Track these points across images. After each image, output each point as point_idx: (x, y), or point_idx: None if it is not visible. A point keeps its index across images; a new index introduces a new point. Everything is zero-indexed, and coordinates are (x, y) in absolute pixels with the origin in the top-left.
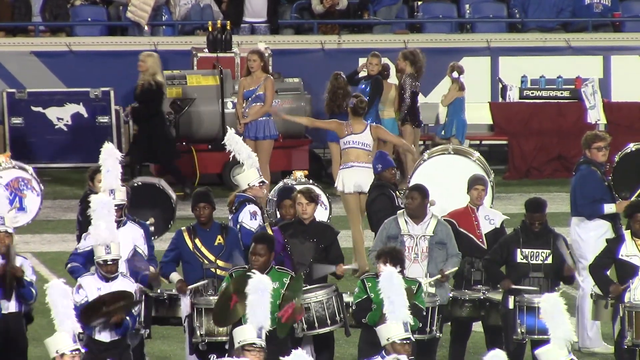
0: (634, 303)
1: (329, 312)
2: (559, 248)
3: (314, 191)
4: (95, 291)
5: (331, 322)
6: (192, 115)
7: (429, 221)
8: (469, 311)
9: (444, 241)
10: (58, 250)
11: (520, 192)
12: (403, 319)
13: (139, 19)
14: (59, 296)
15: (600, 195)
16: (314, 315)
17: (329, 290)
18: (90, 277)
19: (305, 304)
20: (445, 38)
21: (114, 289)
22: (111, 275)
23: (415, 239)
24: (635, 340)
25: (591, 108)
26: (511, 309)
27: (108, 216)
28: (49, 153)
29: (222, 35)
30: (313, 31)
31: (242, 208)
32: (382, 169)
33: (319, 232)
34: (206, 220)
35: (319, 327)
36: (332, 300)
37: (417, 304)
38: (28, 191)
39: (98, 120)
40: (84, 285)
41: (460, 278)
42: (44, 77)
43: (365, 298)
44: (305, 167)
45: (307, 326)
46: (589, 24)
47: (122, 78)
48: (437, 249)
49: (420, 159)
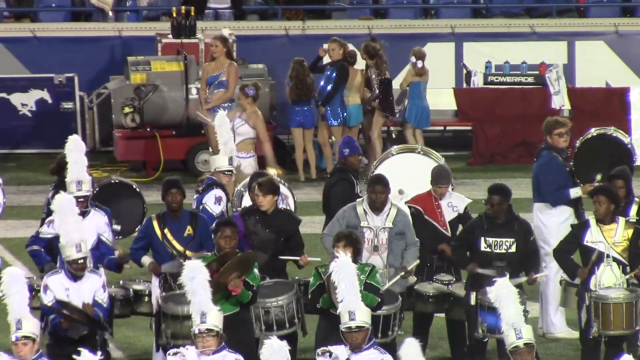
0: (600, 294)
1: (288, 316)
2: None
3: (274, 182)
4: (63, 291)
5: (289, 325)
6: (156, 101)
7: (389, 212)
8: (432, 305)
9: (402, 231)
10: (22, 236)
11: (485, 178)
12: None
13: (103, 4)
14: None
15: (563, 181)
16: (273, 318)
17: (290, 295)
18: (58, 277)
19: (266, 307)
20: (410, 24)
21: (82, 289)
22: (80, 273)
23: (375, 230)
24: (602, 331)
25: (555, 94)
26: (473, 305)
27: (73, 215)
28: (13, 139)
29: (186, 21)
30: (277, 17)
31: (209, 190)
32: (348, 153)
33: (280, 221)
34: (177, 206)
35: (277, 329)
36: (292, 304)
37: (372, 283)
38: None
39: (62, 106)
40: (50, 285)
41: (423, 266)
42: (8, 63)
43: (319, 284)
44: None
45: (265, 327)
46: (553, 9)
47: (86, 64)
48: (397, 240)
49: (388, 153)
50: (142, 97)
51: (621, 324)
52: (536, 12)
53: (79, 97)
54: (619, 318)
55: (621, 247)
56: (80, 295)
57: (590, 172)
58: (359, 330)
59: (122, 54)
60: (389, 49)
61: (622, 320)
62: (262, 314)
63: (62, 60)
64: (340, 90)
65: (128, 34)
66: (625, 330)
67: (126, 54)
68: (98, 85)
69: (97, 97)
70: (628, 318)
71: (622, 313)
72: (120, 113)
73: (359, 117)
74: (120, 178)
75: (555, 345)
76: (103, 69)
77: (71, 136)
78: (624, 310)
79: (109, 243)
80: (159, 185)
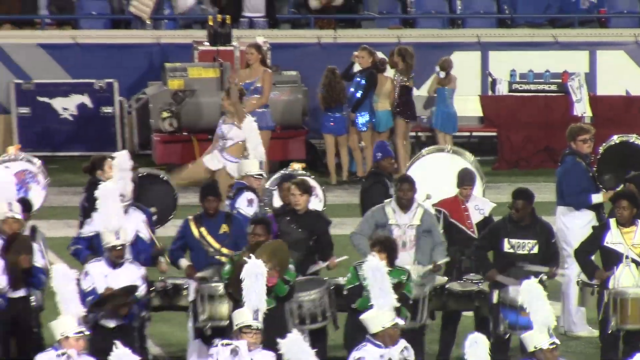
0: (618, 290)
1: (320, 310)
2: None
3: (308, 183)
4: (102, 278)
5: (322, 319)
6: (193, 106)
7: (416, 210)
8: (463, 303)
9: (429, 229)
10: (63, 235)
11: (509, 182)
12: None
13: (142, 13)
14: (63, 280)
15: (585, 186)
16: (306, 312)
17: (322, 289)
18: (97, 264)
19: (299, 301)
20: (437, 33)
21: (121, 275)
22: (119, 260)
23: (403, 227)
24: (620, 325)
25: (577, 101)
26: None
27: (115, 203)
28: (54, 142)
29: (222, 29)
30: (310, 26)
31: (240, 195)
32: (381, 157)
33: (311, 221)
34: (214, 212)
35: (310, 323)
36: (325, 298)
37: (405, 293)
38: (33, 184)
39: (102, 110)
40: (90, 272)
41: (452, 266)
42: (50, 69)
43: (357, 285)
44: (301, 157)
45: (299, 321)
46: (575, 20)
47: (125, 70)
48: (424, 237)
49: (419, 155)
50: (179, 102)
51: (638, 319)
52: (559, 22)
53: (119, 102)
54: (637, 313)
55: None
56: (119, 283)
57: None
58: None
59: (160, 60)
60: (417, 57)
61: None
62: (295, 307)
63: (102, 66)
64: (370, 97)
65: (166, 41)
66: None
67: (164, 60)
68: (137, 91)
69: (136, 102)
70: None
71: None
72: (158, 118)
73: (388, 122)
74: (147, 169)
75: (576, 343)
76: (142, 75)
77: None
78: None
79: (146, 241)
80: (195, 187)
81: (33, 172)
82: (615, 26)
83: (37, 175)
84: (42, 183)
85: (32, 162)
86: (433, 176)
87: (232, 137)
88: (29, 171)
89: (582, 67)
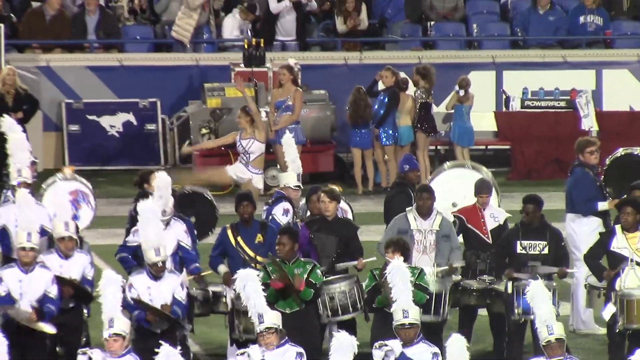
0: (625, 291)
1: (351, 301)
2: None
3: (337, 191)
4: (145, 289)
5: (352, 310)
6: (229, 123)
7: (435, 217)
8: (476, 299)
9: (448, 234)
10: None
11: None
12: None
13: (182, 37)
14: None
15: (593, 194)
16: (338, 303)
17: (351, 281)
18: (141, 276)
19: (330, 293)
20: (455, 54)
21: (162, 288)
22: (160, 274)
23: (424, 233)
24: (627, 325)
25: (585, 117)
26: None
27: (155, 221)
28: (102, 157)
29: (256, 52)
30: (337, 48)
31: (278, 203)
32: (408, 169)
33: (340, 227)
34: (248, 217)
35: (342, 314)
36: (354, 290)
37: (421, 284)
38: (84, 204)
39: (146, 127)
40: (135, 284)
41: (467, 268)
42: (98, 89)
43: (374, 285)
44: (330, 170)
45: (331, 313)
46: (583, 41)
47: (167, 90)
48: (443, 242)
49: (442, 168)
50: (217, 119)
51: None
52: (567, 43)
53: (161, 119)
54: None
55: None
56: (161, 294)
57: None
58: (411, 327)
59: (199, 81)
60: (437, 76)
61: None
62: (327, 300)
63: (146, 86)
64: (392, 114)
65: (204, 63)
66: None
67: (203, 81)
68: (178, 109)
69: (177, 119)
70: None
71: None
72: (198, 134)
73: (410, 137)
74: (193, 187)
75: (584, 340)
76: (182, 95)
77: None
78: None
79: (189, 248)
80: (232, 198)
81: (85, 193)
82: (620, 47)
83: (89, 196)
84: (92, 204)
85: (85, 184)
86: (454, 188)
87: (253, 151)
88: (81, 191)
89: (589, 84)
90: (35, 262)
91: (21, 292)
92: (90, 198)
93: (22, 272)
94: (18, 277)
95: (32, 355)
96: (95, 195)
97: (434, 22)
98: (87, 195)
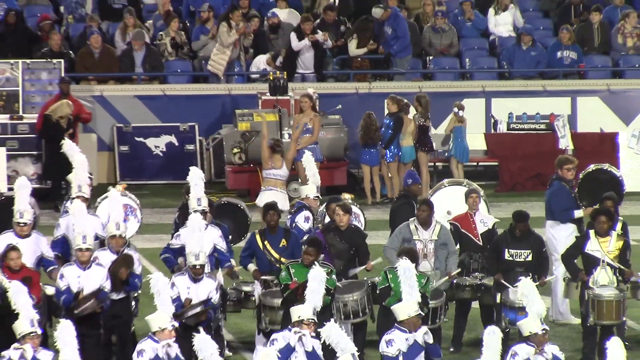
0: (597, 292)
1: (361, 307)
2: None
3: (349, 205)
4: (185, 289)
5: (362, 314)
6: (257, 144)
7: (434, 227)
8: (468, 293)
9: (445, 242)
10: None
11: (508, 201)
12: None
13: (217, 70)
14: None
15: (569, 205)
16: (350, 309)
17: (362, 291)
18: (183, 278)
19: (344, 301)
20: (450, 84)
21: (200, 289)
22: (198, 277)
23: (424, 242)
24: (597, 321)
25: (562, 137)
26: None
27: (199, 232)
28: (148, 173)
29: (280, 83)
30: (349, 79)
31: (299, 212)
32: (411, 183)
33: (352, 235)
34: (274, 224)
35: (353, 318)
36: (364, 298)
37: (425, 294)
38: (132, 217)
39: (186, 147)
40: (177, 283)
41: (462, 267)
42: (144, 115)
43: (386, 286)
44: (343, 183)
45: (344, 317)
46: (560, 73)
47: (204, 115)
48: (441, 249)
49: (441, 184)
50: (247, 140)
51: (611, 316)
52: (547, 75)
53: (199, 140)
54: (610, 312)
55: (613, 255)
56: (198, 294)
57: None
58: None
59: (231, 107)
60: (435, 103)
61: (612, 313)
62: (341, 306)
63: (186, 112)
64: (397, 136)
65: (236, 93)
66: (614, 321)
67: (234, 107)
68: (213, 132)
69: (212, 140)
70: (617, 312)
71: (613, 308)
72: (230, 153)
73: (412, 155)
74: (228, 199)
75: (562, 329)
76: (217, 119)
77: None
78: (614, 306)
79: (224, 251)
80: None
81: (133, 208)
82: (592, 78)
83: (136, 210)
84: (138, 217)
85: (134, 200)
86: (452, 201)
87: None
88: (130, 206)
89: (566, 110)
90: (90, 260)
91: (79, 286)
92: (137, 212)
93: (80, 269)
94: (77, 273)
95: (89, 342)
96: (141, 206)
97: (433, 56)
98: (135, 210)
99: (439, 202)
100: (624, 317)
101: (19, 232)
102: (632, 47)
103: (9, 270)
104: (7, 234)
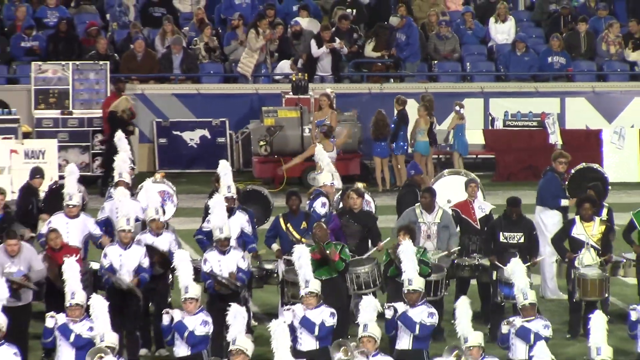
0: (582, 272)
1: (372, 279)
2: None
3: (362, 190)
4: (216, 262)
5: (373, 285)
6: (281, 137)
7: (437, 212)
8: (468, 272)
9: (447, 225)
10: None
11: (503, 190)
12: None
13: (245, 72)
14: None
15: (558, 193)
16: (362, 280)
17: (372, 264)
18: (212, 253)
19: (357, 273)
20: (453, 86)
21: (228, 260)
22: (225, 248)
23: (428, 224)
24: (582, 297)
25: (552, 133)
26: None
27: (221, 209)
28: (184, 162)
29: (301, 83)
30: (363, 80)
31: (317, 198)
32: (414, 173)
33: (364, 218)
34: (296, 208)
35: (365, 288)
36: (375, 271)
37: (424, 259)
38: (169, 202)
39: (217, 140)
40: (208, 259)
41: (462, 248)
42: (181, 111)
43: (389, 261)
44: (357, 173)
45: (356, 287)
46: (550, 76)
47: (234, 112)
48: (443, 231)
49: (442, 174)
50: (272, 134)
51: (595, 293)
52: (539, 77)
53: (229, 134)
54: (594, 289)
55: (596, 238)
56: (227, 265)
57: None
58: (414, 292)
59: (258, 105)
60: (438, 103)
61: (595, 291)
62: (354, 277)
63: (218, 109)
64: (402, 130)
65: (262, 92)
66: (598, 297)
67: (261, 105)
68: (242, 126)
69: (241, 134)
70: (600, 289)
71: (596, 286)
72: (257, 145)
73: (427, 149)
74: (253, 186)
75: (550, 304)
76: (245, 115)
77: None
78: (597, 284)
79: (249, 234)
80: (284, 194)
81: (170, 194)
82: (578, 80)
83: (172, 196)
84: (174, 202)
85: (170, 186)
86: (452, 189)
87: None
88: (167, 192)
89: (555, 109)
90: (132, 241)
91: (121, 264)
92: (173, 197)
93: (121, 248)
94: (118, 252)
95: (128, 313)
96: (178, 192)
97: (437, 61)
98: (171, 195)
99: (440, 189)
100: (606, 294)
101: (68, 213)
102: (615, 53)
103: (51, 249)
104: (59, 215)
